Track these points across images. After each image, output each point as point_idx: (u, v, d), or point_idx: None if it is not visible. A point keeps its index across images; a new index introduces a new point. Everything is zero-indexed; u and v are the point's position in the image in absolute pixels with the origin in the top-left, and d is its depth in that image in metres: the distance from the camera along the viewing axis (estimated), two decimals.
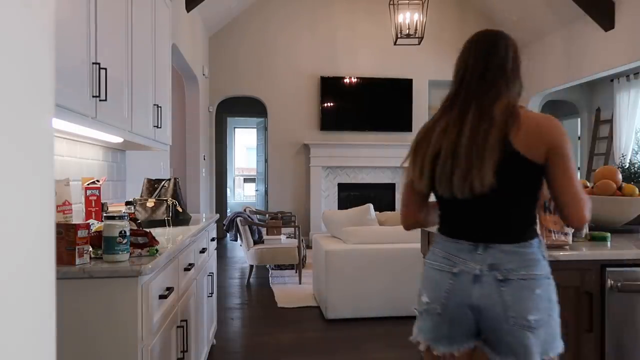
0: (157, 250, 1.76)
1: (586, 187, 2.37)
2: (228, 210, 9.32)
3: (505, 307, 1.35)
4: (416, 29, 5.75)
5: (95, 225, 1.90)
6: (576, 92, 7.95)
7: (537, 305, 1.35)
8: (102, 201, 2.25)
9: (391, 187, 8.19)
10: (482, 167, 1.34)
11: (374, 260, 3.99)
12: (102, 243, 1.61)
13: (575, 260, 1.80)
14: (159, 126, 2.84)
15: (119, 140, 2.45)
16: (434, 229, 1.61)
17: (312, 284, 4.79)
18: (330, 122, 7.87)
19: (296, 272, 5.48)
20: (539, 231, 1.77)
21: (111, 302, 1.51)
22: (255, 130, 9.95)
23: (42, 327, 0.51)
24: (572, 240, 1.86)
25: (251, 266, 5.49)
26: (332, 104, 7.87)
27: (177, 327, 2.04)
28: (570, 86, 7.22)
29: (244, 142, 12.37)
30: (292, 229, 6.06)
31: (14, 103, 0.46)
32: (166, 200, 2.71)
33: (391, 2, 5.77)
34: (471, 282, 1.39)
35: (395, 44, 6.05)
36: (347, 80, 7.86)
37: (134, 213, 2.34)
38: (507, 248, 1.38)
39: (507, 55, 1.45)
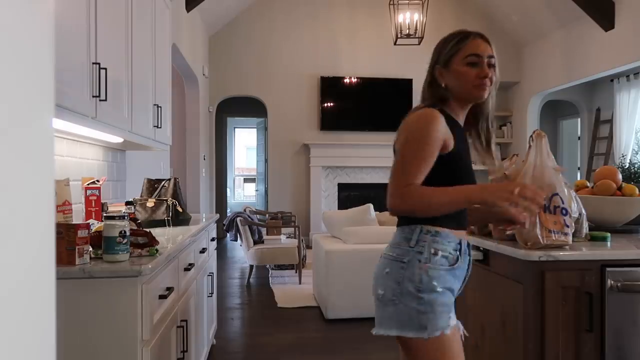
0: (157, 250, 1.76)
1: (586, 187, 2.37)
2: (228, 210, 9.32)
3: (373, 277, 1.59)
4: (416, 29, 5.75)
5: (95, 225, 1.90)
6: (576, 92, 7.95)
7: (384, 282, 1.52)
8: (102, 201, 2.25)
9: None
10: None
11: (374, 260, 3.94)
12: (102, 243, 1.61)
13: (575, 260, 1.80)
14: (159, 126, 2.84)
15: (119, 140, 2.45)
16: None
17: (312, 284, 4.79)
18: (330, 122, 7.87)
19: (296, 272, 5.48)
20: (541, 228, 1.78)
21: (111, 302, 1.51)
22: (255, 130, 9.96)
23: (42, 327, 0.51)
24: (572, 240, 1.85)
25: (251, 266, 5.49)
26: (332, 104, 7.87)
27: (177, 327, 2.04)
28: (570, 86, 7.22)
29: (244, 142, 12.38)
30: (292, 229, 6.06)
31: (14, 103, 0.46)
32: (166, 200, 2.71)
33: (391, 2, 5.77)
34: None
35: (395, 44, 6.05)
36: (347, 80, 7.86)
37: (134, 213, 2.34)
38: (395, 231, 1.59)
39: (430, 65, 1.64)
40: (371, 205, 4.44)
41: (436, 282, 1.46)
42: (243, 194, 12.38)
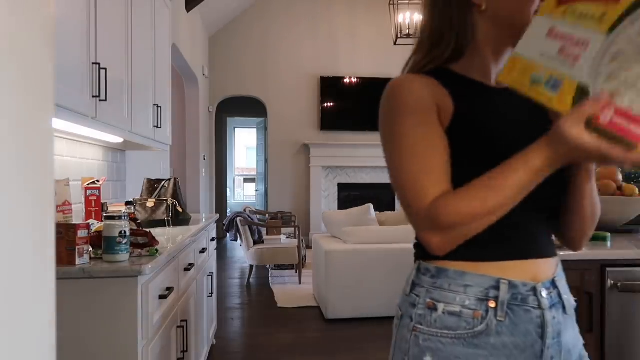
0: (157, 250, 1.76)
1: None
2: (228, 210, 9.32)
3: None
4: (416, 29, 5.74)
5: (95, 225, 1.90)
6: None
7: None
8: (102, 201, 2.25)
9: (391, 187, 8.17)
10: None
11: (374, 260, 3.99)
12: (102, 243, 1.61)
13: (575, 260, 1.80)
14: (159, 126, 2.84)
15: (119, 140, 2.45)
16: None
17: (312, 284, 4.79)
18: (330, 122, 7.87)
19: (296, 272, 5.48)
20: None
21: (111, 302, 1.51)
22: (255, 130, 9.96)
23: (42, 327, 0.51)
24: None
25: (251, 266, 5.49)
26: (332, 104, 7.87)
27: (177, 327, 2.04)
28: None
29: (244, 142, 12.37)
30: (292, 229, 6.06)
31: (14, 103, 0.46)
32: (166, 200, 2.71)
33: (391, 2, 5.77)
34: None
35: (395, 44, 6.05)
36: (347, 80, 7.86)
37: (134, 213, 2.34)
38: None
39: None
40: (371, 205, 4.44)
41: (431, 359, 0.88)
42: (243, 194, 12.38)
